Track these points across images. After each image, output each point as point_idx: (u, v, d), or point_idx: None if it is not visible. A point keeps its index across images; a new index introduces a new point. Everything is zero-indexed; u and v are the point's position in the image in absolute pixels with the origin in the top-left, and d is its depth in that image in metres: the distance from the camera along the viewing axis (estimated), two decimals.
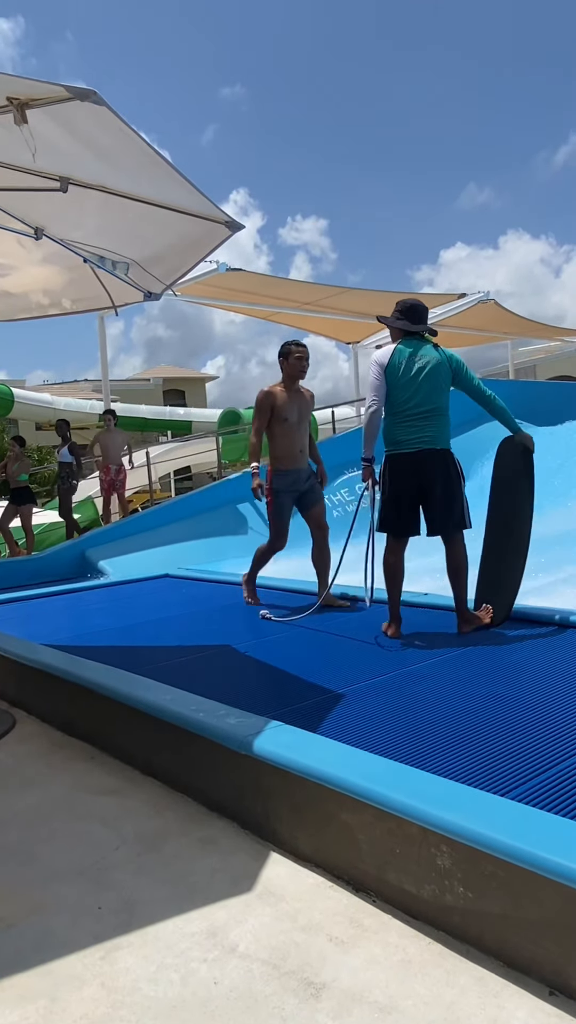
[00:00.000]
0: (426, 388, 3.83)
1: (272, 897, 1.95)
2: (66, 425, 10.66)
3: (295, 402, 4.85)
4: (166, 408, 25.90)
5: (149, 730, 2.84)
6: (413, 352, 3.85)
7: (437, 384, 3.86)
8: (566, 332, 19.94)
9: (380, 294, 13.17)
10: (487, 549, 4.14)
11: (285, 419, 4.82)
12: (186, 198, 3.41)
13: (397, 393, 3.82)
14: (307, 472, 4.96)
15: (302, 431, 4.92)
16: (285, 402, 4.81)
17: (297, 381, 4.90)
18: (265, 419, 4.84)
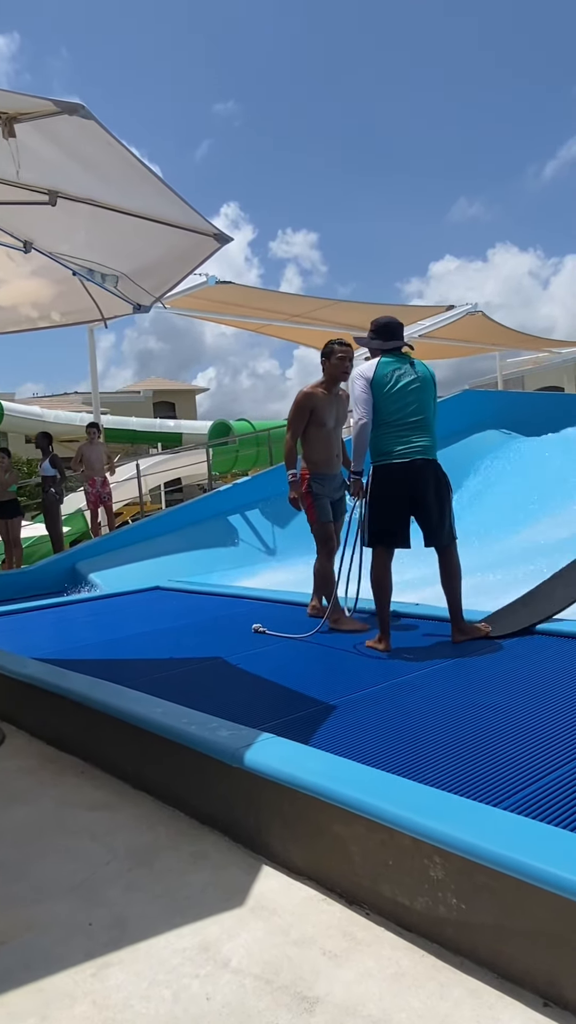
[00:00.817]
0: (415, 399, 3.86)
1: (265, 911, 1.93)
2: (47, 438, 10.52)
3: (334, 405, 4.65)
4: (156, 420, 25.93)
5: (140, 743, 2.82)
6: (397, 365, 3.88)
7: (425, 396, 3.89)
8: (553, 343, 20.11)
9: (369, 306, 13.25)
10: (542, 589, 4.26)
11: (324, 424, 4.60)
12: (175, 211, 3.42)
13: (386, 405, 3.84)
14: (341, 479, 4.76)
15: (338, 435, 4.75)
16: (325, 405, 4.60)
17: (339, 383, 4.69)
18: (304, 422, 4.59)
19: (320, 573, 4.69)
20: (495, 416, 12.37)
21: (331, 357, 4.61)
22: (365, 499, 3.98)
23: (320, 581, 4.71)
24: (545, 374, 32.15)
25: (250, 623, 4.68)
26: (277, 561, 8.88)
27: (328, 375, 4.64)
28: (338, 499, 4.74)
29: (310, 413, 4.57)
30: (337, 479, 4.74)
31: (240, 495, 9.95)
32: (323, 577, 4.66)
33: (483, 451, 11.40)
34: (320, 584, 4.74)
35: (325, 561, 4.65)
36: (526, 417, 12.79)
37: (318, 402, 4.58)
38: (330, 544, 4.62)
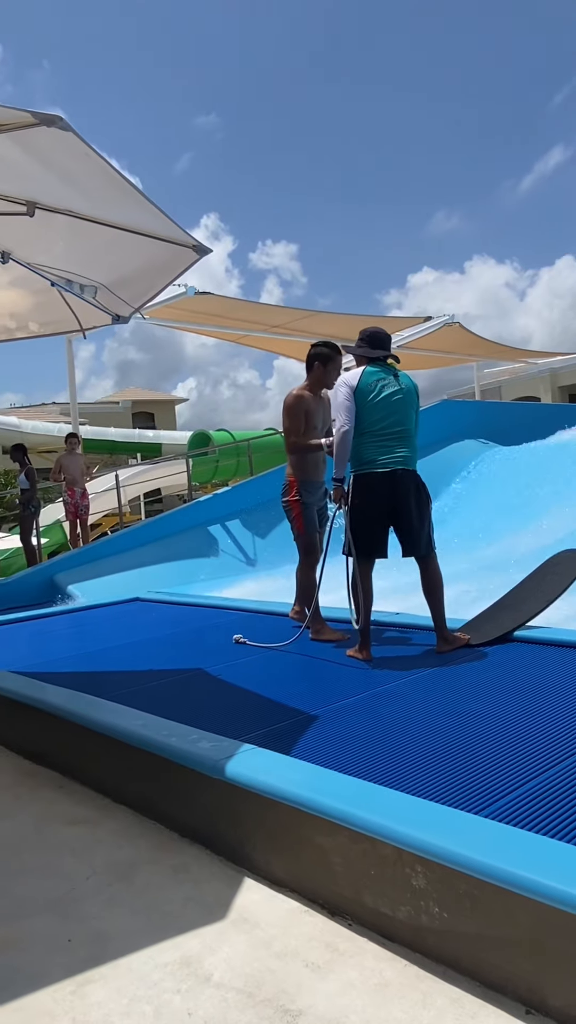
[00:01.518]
0: (398, 409, 3.87)
1: (247, 924, 1.92)
2: (21, 450, 10.38)
3: (321, 408, 4.55)
4: (135, 431, 25.83)
5: (119, 757, 2.80)
6: (381, 375, 3.90)
7: (407, 407, 3.91)
8: (529, 354, 20.37)
9: (348, 317, 13.34)
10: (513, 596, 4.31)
11: (314, 427, 4.51)
12: (154, 222, 3.43)
13: (369, 414, 3.85)
14: (324, 488, 4.71)
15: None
16: (315, 408, 4.51)
17: (323, 387, 4.59)
18: (302, 422, 4.47)
19: (303, 583, 4.66)
20: (473, 426, 12.48)
21: (327, 364, 4.51)
22: (346, 507, 3.98)
23: (302, 592, 4.68)
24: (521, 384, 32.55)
25: (231, 634, 4.66)
26: (258, 571, 8.87)
27: (316, 379, 4.55)
28: (322, 507, 4.73)
29: (304, 414, 4.48)
30: (322, 487, 4.71)
31: (220, 505, 9.94)
32: (305, 587, 4.63)
33: (462, 461, 11.49)
34: (301, 595, 4.70)
35: (308, 571, 4.61)
36: (503, 427, 12.91)
37: (309, 404, 4.50)
38: (314, 555, 4.60)
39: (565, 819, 1.94)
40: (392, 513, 3.88)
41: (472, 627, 4.13)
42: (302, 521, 4.57)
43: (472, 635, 4.00)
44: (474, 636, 3.98)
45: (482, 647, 3.88)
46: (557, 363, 22.80)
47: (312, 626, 4.44)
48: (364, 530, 3.91)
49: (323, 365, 4.52)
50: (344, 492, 3.97)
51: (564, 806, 2.02)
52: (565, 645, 3.74)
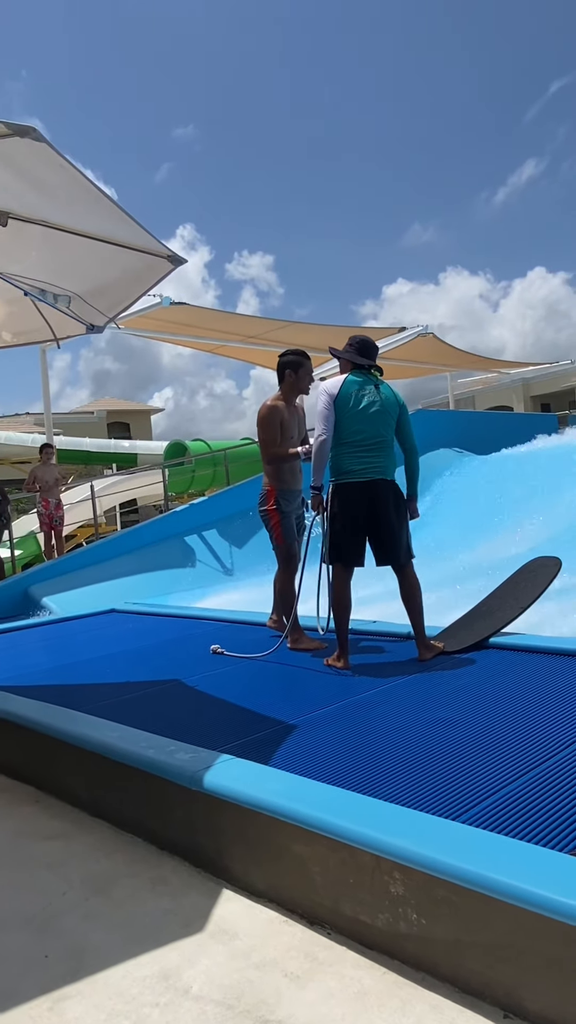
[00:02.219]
0: (377, 420, 3.89)
1: (225, 935, 1.91)
2: None
3: (295, 418, 4.58)
4: (111, 441, 25.68)
5: (96, 770, 2.77)
6: (363, 384, 3.91)
7: (387, 417, 3.93)
8: (502, 364, 20.64)
9: (324, 328, 13.43)
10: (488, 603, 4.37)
11: (290, 436, 4.53)
12: (128, 233, 3.44)
13: (348, 423, 3.86)
14: (302, 497, 4.73)
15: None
16: (289, 418, 4.52)
17: (297, 396, 4.63)
18: (279, 433, 4.47)
19: (281, 592, 4.64)
20: (448, 435, 12.60)
21: (298, 370, 4.52)
22: (325, 516, 3.99)
23: (281, 601, 4.66)
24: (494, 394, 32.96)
25: (208, 644, 4.65)
26: (235, 581, 8.85)
27: (289, 388, 4.56)
28: (299, 515, 4.72)
29: (280, 425, 4.48)
30: (299, 496, 4.71)
31: (197, 515, 9.91)
32: (284, 596, 4.61)
33: (437, 469, 11.59)
34: (280, 604, 4.67)
35: (287, 581, 4.60)
36: (477, 436, 13.06)
37: (283, 414, 4.50)
38: (293, 563, 4.59)
39: (540, 823, 1.97)
40: (371, 522, 3.89)
41: (448, 634, 4.16)
42: (280, 530, 4.56)
43: (448, 642, 4.03)
44: (450, 643, 4.01)
45: (458, 654, 3.91)
46: (529, 373, 23.13)
47: (290, 635, 4.44)
48: (343, 539, 3.92)
49: (294, 372, 4.53)
50: (322, 500, 3.99)
51: (539, 810, 2.04)
52: (539, 651, 3.79)
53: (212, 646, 4.57)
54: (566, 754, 2.43)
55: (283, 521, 4.55)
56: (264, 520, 4.62)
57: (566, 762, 2.36)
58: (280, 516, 4.54)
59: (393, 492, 3.93)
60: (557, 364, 21.60)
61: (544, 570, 4.45)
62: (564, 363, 21.71)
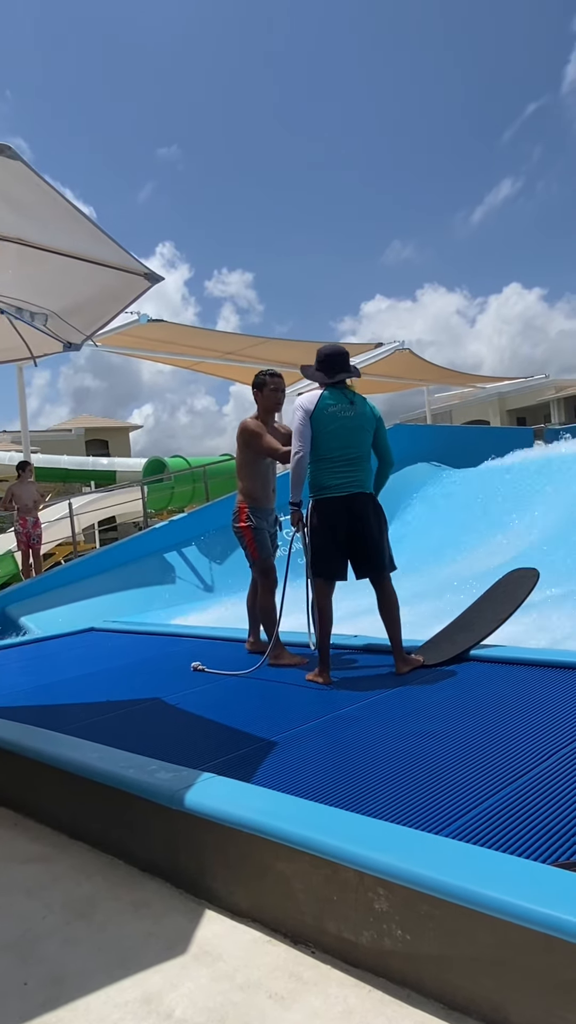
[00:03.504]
0: (353, 435, 3.90)
1: (209, 957, 1.89)
2: None
3: (278, 436, 4.54)
4: (89, 458, 25.58)
5: (76, 791, 2.73)
6: (338, 399, 3.91)
7: (363, 431, 3.94)
8: (477, 379, 20.89)
9: (301, 344, 13.51)
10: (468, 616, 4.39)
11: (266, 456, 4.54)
12: (105, 250, 3.44)
13: (325, 439, 3.86)
14: (274, 515, 4.73)
15: (274, 469, 4.69)
16: (271, 435, 4.49)
17: (274, 415, 4.66)
18: (268, 439, 4.43)
19: (263, 607, 4.60)
20: (426, 449, 12.71)
21: (263, 389, 4.57)
22: (305, 532, 3.98)
23: (263, 617, 4.62)
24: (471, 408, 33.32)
25: (189, 661, 4.62)
26: (215, 597, 8.82)
27: (262, 407, 4.60)
28: (272, 534, 4.71)
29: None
30: (272, 513, 4.71)
31: (176, 532, 9.88)
32: (266, 612, 4.57)
33: (415, 483, 11.67)
34: (262, 620, 4.63)
35: (268, 595, 4.56)
36: (455, 450, 13.19)
37: (263, 429, 4.49)
38: (272, 577, 4.56)
39: (523, 835, 1.97)
40: (352, 536, 3.90)
41: (428, 647, 4.17)
42: (255, 546, 4.56)
43: (428, 655, 4.03)
44: (430, 656, 4.02)
45: (438, 667, 3.92)
46: (505, 387, 23.41)
47: (272, 651, 4.43)
48: (325, 554, 3.92)
49: (259, 391, 4.58)
50: (301, 516, 3.99)
51: (521, 822, 2.04)
52: (518, 663, 3.81)
53: (193, 663, 4.54)
54: (546, 765, 2.44)
55: (256, 536, 4.54)
56: (238, 537, 4.63)
57: (547, 773, 2.37)
58: (253, 532, 4.54)
59: (372, 504, 3.94)
60: (532, 378, 21.90)
61: (522, 581, 4.48)
62: (538, 377, 22.03)
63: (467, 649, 4.03)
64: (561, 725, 2.81)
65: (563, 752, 2.53)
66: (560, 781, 2.30)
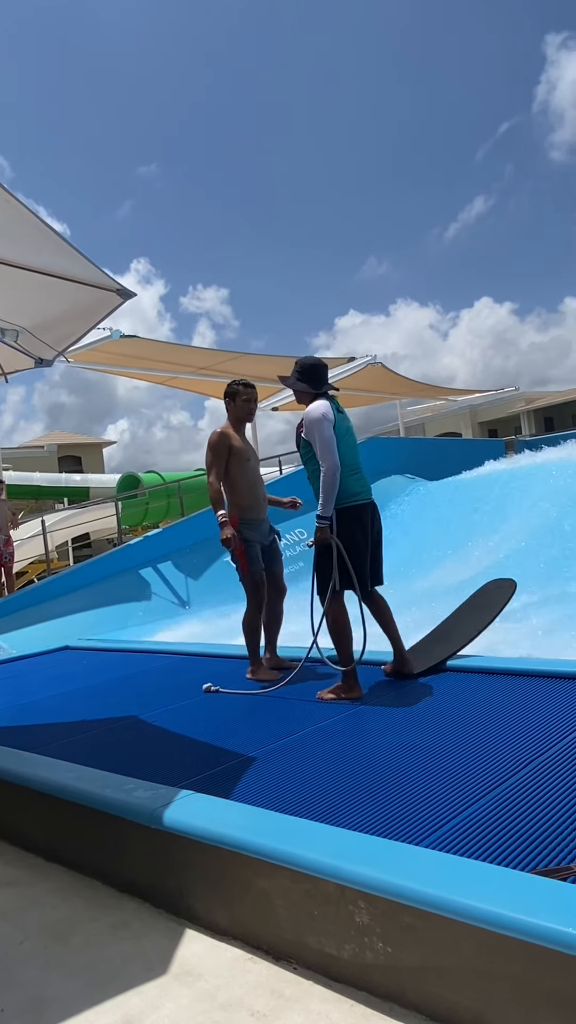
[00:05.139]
0: (354, 444, 3.92)
1: (189, 977, 1.87)
2: None
3: (248, 445, 4.53)
4: (62, 475, 25.37)
5: (52, 813, 2.70)
6: (337, 408, 3.91)
7: (355, 441, 3.97)
8: (449, 391, 21.12)
9: (274, 359, 13.57)
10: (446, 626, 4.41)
11: (248, 459, 4.45)
12: (76, 267, 3.45)
13: (339, 447, 3.77)
14: (269, 523, 4.59)
15: (260, 477, 4.59)
16: (241, 443, 4.45)
17: (245, 424, 4.58)
18: (223, 461, 4.38)
19: (249, 625, 4.46)
20: (399, 462, 12.81)
21: (236, 399, 4.48)
22: (338, 544, 3.74)
23: (245, 631, 4.48)
24: (443, 420, 33.68)
25: (166, 678, 4.58)
26: (192, 613, 8.78)
27: (234, 417, 4.52)
28: (269, 544, 4.55)
29: (228, 451, 4.39)
30: (266, 523, 4.57)
31: (151, 548, 9.83)
32: (251, 629, 4.46)
33: (389, 496, 11.74)
34: (244, 634, 4.48)
35: (255, 613, 4.42)
36: (428, 462, 13.31)
37: (233, 440, 4.42)
38: (260, 594, 4.43)
39: (503, 844, 1.98)
40: (373, 544, 3.90)
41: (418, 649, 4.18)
42: (245, 559, 4.39)
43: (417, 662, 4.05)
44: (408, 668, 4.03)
45: (417, 677, 3.93)
46: (476, 400, 23.71)
47: (250, 665, 4.41)
48: (363, 563, 3.80)
49: (232, 400, 4.52)
50: (329, 532, 3.75)
51: (501, 830, 2.06)
52: (495, 672, 3.84)
53: (205, 685, 4.26)
54: (524, 773, 2.46)
55: (248, 550, 4.39)
56: (226, 547, 4.40)
57: (525, 781, 2.39)
58: (244, 545, 4.38)
59: (379, 512, 3.97)
60: (502, 391, 22.21)
61: (499, 592, 4.53)
62: (509, 390, 22.35)
63: (445, 659, 4.06)
64: (538, 733, 2.83)
65: (540, 760, 2.55)
66: (538, 789, 2.32)
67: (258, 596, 4.43)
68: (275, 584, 4.56)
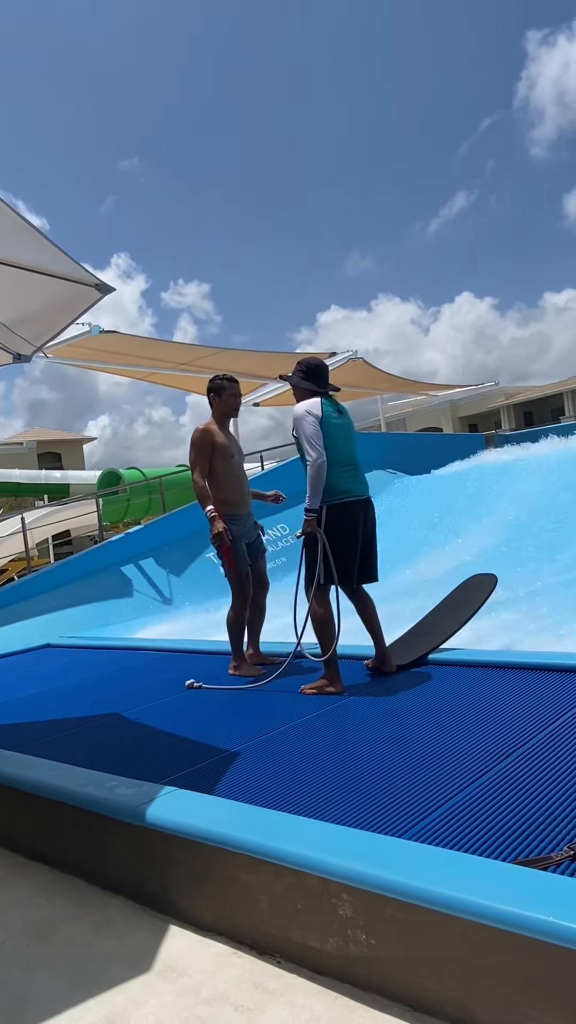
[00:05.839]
0: (351, 440, 3.94)
1: (173, 973, 1.86)
2: None
3: (233, 440, 4.53)
4: (42, 472, 25.19)
5: (33, 812, 2.68)
6: (333, 406, 3.93)
7: (354, 438, 3.99)
8: (430, 387, 21.19)
9: (255, 354, 13.54)
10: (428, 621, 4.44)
11: (232, 456, 4.45)
12: (54, 262, 3.41)
13: (333, 443, 3.82)
14: (254, 518, 4.61)
15: (244, 472, 4.60)
16: (224, 439, 4.45)
17: (230, 420, 4.57)
18: (207, 458, 4.38)
19: (233, 621, 4.45)
20: (381, 457, 12.84)
21: (221, 393, 4.49)
22: (323, 539, 3.77)
23: (229, 627, 4.47)
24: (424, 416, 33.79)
25: (149, 675, 4.57)
26: (174, 609, 8.75)
27: (219, 412, 4.52)
28: (253, 540, 4.55)
29: (212, 448, 4.40)
30: (251, 519, 4.55)
31: (133, 544, 9.78)
32: (235, 625, 4.46)
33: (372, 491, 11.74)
34: (228, 630, 4.47)
35: (241, 609, 4.42)
36: (410, 457, 13.36)
37: (217, 436, 4.43)
38: (246, 590, 4.43)
39: (485, 835, 2.00)
40: (364, 541, 3.90)
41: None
42: (231, 556, 4.37)
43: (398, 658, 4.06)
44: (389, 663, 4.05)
45: (399, 671, 3.95)
46: (456, 395, 23.83)
47: (233, 661, 4.40)
48: (347, 558, 3.82)
49: (217, 395, 4.51)
50: (317, 524, 3.78)
51: (483, 822, 2.07)
52: (476, 665, 3.87)
53: (188, 681, 4.27)
54: (505, 764, 2.48)
55: (234, 546, 4.37)
56: (215, 546, 4.41)
57: (505, 772, 2.41)
58: (232, 542, 4.36)
59: (373, 509, 3.99)
60: (482, 386, 22.34)
61: (481, 587, 4.55)
62: (488, 385, 22.48)
63: (426, 653, 4.08)
64: (517, 725, 2.85)
65: (519, 752, 2.57)
66: (517, 780, 2.34)
67: (243, 593, 4.44)
68: (258, 579, 4.57)
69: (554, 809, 2.11)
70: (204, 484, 4.40)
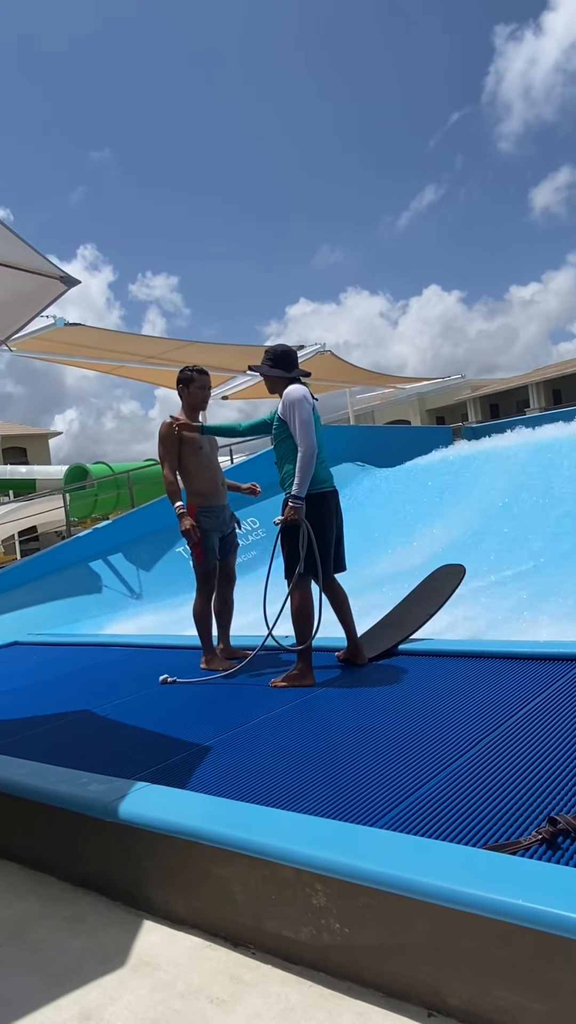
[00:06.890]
0: (322, 433, 3.91)
1: (147, 967, 1.86)
2: None
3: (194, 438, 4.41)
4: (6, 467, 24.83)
5: (3, 809, 2.65)
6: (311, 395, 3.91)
7: (323, 430, 3.95)
8: (397, 380, 21.30)
9: (224, 347, 13.47)
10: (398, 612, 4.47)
11: (200, 447, 4.37)
12: (17, 253, 3.35)
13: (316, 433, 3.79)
14: (229, 511, 4.56)
15: (217, 461, 4.56)
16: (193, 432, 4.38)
17: (199, 413, 4.53)
18: (175, 452, 4.33)
19: (199, 613, 4.42)
20: (350, 450, 12.88)
21: (189, 385, 4.44)
22: (307, 528, 3.73)
23: (196, 621, 4.43)
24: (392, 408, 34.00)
25: (119, 671, 4.54)
26: (144, 605, 8.70)
27: (187, 404, 4.47)
28: (227, 533, 4.50)
29: (179, 441, 4.35)
30: (226, 511, 4.50)
31: (101, 540, 9.69)
32: (201, 618, 4.43)
33: (341, 483, 11.74)
34: (196, 623, 4.44)
35: (205, 602, 4.40)
36: (378, 449, 13.43)
37: (173, 445, 4.37)
38: (211, 583, 4.41)
39: (455, 821, 2.02)
40: (337, 532, 3.92)
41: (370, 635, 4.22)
42: (200, 549, 4.34)
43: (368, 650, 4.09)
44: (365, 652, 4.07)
45: (370, 662, 3.98)
46: (424, 388, 23.96)
47: (204, 655, 4.40)
48: (325, 548, 3.81)
49: (186, 387, 4.47)
50: (301, 512, 3.72)
51: (453, 809, 2.10)
52: (445, 654, 3.91)
53: (161, 676, 4.24)
54: (475, 751, 2.51)
55: (204, 539, 4.33)
56: (186, 537, 4.36)
57: (475, 759, 2.45)
58: (203, 535, 4.33)
59: (339, 501, 3.98)
60: (449, 379, 22.49)
61: (449, 577, 4.60)
62: (455, 377, 22.64)
63: (396, 644, 4.11)
64: (486, 713, 2.90)
65: (488, 739, 2.61)
66: (486, 767, 2.37)
67: (208, 585, 4.42)
68: (225, 573, 4.55)
69: (522, 795, 2.14)
70: (174, 479, 4.37)
